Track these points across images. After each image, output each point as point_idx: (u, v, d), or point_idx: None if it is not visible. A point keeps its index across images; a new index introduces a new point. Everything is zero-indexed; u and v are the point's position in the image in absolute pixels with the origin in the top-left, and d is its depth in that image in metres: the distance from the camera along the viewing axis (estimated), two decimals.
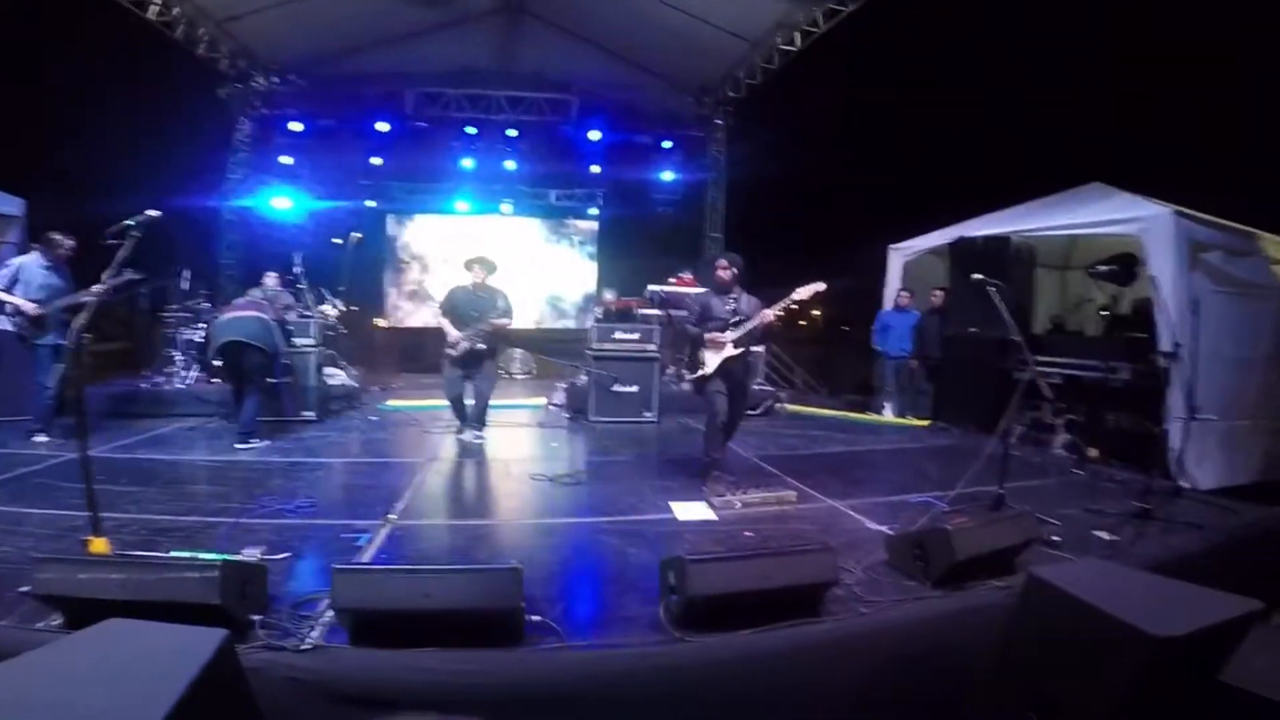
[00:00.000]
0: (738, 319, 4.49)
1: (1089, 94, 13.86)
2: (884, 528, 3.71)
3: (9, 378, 5.53)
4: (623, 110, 11.75)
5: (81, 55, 10.14)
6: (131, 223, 3.06)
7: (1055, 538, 3.58)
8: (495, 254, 5.84)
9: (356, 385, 7.42)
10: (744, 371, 4.73)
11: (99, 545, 2.87)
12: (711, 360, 4.50)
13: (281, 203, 10.48)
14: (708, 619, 2.49)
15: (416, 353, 10.84)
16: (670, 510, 3.99)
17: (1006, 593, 2.81)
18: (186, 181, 9.89)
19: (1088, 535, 3.74)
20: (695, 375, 4.59)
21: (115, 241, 3.18)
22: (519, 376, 10.35)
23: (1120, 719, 1.90)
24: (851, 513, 4.07)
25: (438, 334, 5.72)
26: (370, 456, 5.37)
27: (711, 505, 4.03)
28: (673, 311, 7.97)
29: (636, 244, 12.59)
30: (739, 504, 4.05)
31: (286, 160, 11.02)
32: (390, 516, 3.69)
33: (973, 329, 6.83)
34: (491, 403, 5.87)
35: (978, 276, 4.27)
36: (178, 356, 7.09)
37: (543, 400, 7.77)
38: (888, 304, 8.13)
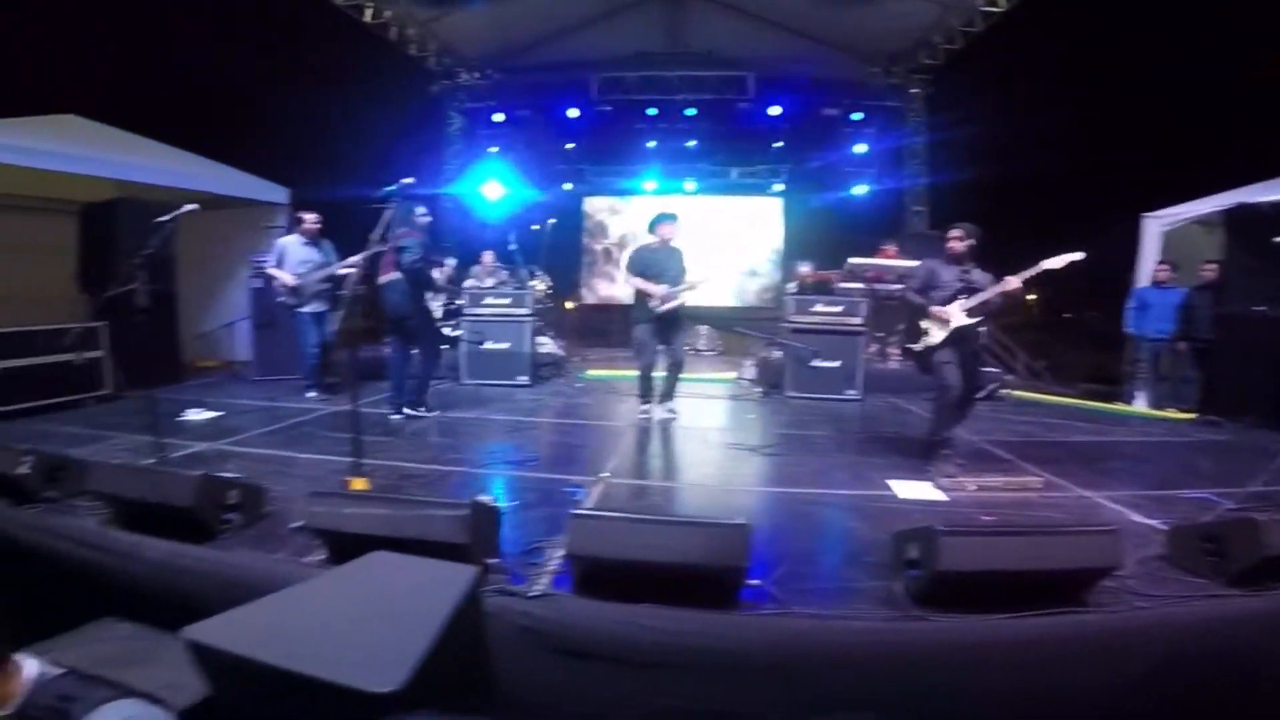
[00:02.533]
0: (970, 289, 4.06)
1: None
2: (1155, 521, 3.15)
3: (285, 343, 6.42)
4: (804, 84, 11.32)
5: (326, 64, 11.69)
6: (393, 188, 3.37)
7: None
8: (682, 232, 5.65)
9: (562, 354, 7.84)
10: (978, 345, 4.27)
11: (359, 484, 3.24)
12: (937, 331, 4.11)
13: (493, 190, 11.36)
14: (953, 598, 2.23)
15: (606, 329, 11.26)
16: (888, 488, 3.70)
17: None
18: (411, 171, 11.03)
19: None
20: (919, 347, 4.22)
21: (379, 207, 3.57)
22: (705, 353, 10.34)
23: None
24: (1110, 504, 3.51)
25: (625, 309, 5.71)
26: (579, 419, 5.61)
27: (938, 486, 3.68)
28: (876, 286, 7.47)
29: (824, 219, 12.06)
30: (972, 486, 3.65)
31: (493, 150, 11.91)
32: (604, 475, 3.79)
33: (1260, 307, 5.66)
34: (681, 376, 5.66)
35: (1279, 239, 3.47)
36: None
37: (733, 374, 7.65)
38: (1142, 280, 6.98)
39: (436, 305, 6.52)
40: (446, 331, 6.67)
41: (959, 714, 2.16)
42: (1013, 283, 3.92)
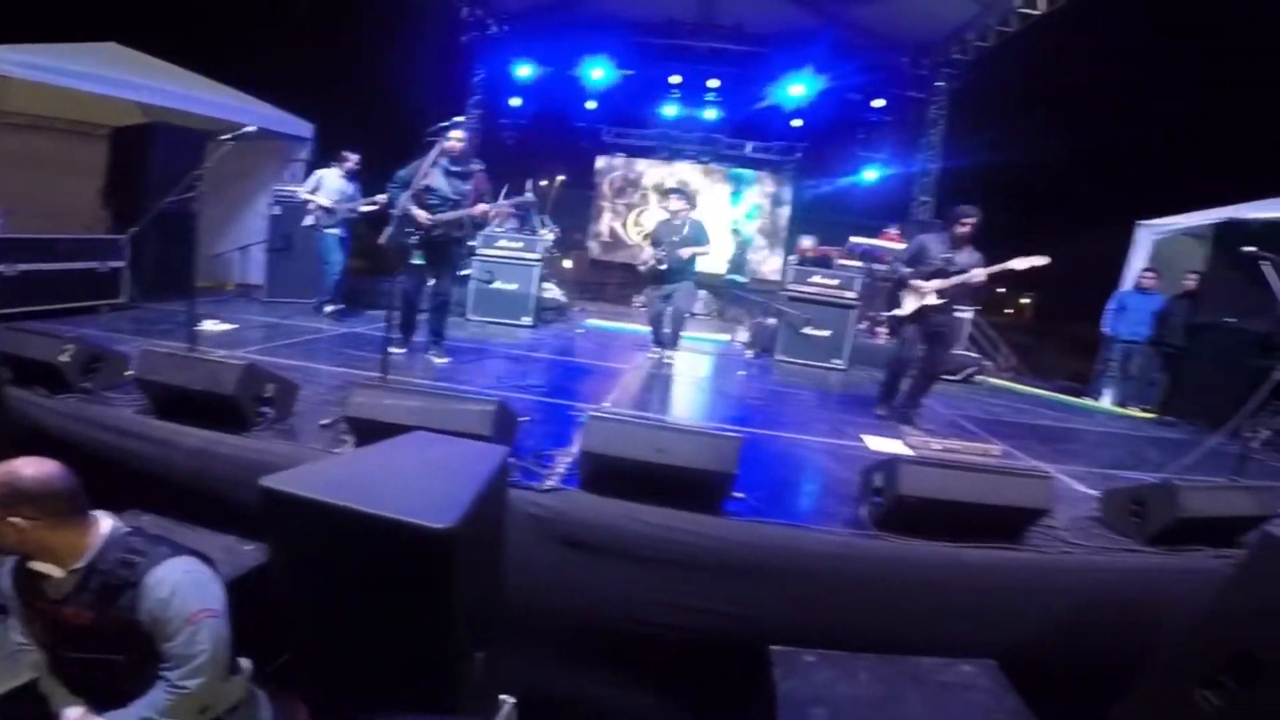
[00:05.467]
0: (952, 270, 4.35)
1: None
2: (1094, 491, 3.49)
3: (299, 268, 6.74)
4: (827, 67, 11.31)
5: (356, 4, 11.66)
6: (445, 124, 3.58)
7: None
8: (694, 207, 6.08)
9: (565, 301, 8.13)
10: (946, 326, 4.59)
11: None
12: (909, 304, 4.43)
13: (509, 137, 11.48)
14: (908, 524, 2.57)
15: (605, 283, 11.53)
16: (861, 441, 4.04)
17: (1227, 563, 2.59)
18: (435, 118, 11.12)
19: None
20: (890, 314, 4.56)
21: (454, 144, 3.81)
22: (700, 315, 10.62)
23: None
24: (1059, 475, 3.86)
25: (625, 269, 6.09)
26: (581, 358, 5.95)
27: (907, 443, 4.03)
28: (874, 265, 7.76)
29: (833, 199, 12.33)
30: (938, 447, 3.99)
31: (516, 102, 11.98)
32: (605, 404, 4.11)
33: (1230, 319, 5.99)
34: (681, 330, 6.13)
35: (1250, 249, 3.78)
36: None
37: (726, 336, 7.97)
38: (1127, 284, 7.31)
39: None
40: (462, 272, 6.93)
41: (903, 625, 2.49)
42: (978, 275, 4.22)
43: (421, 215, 4.42)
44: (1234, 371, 5.81)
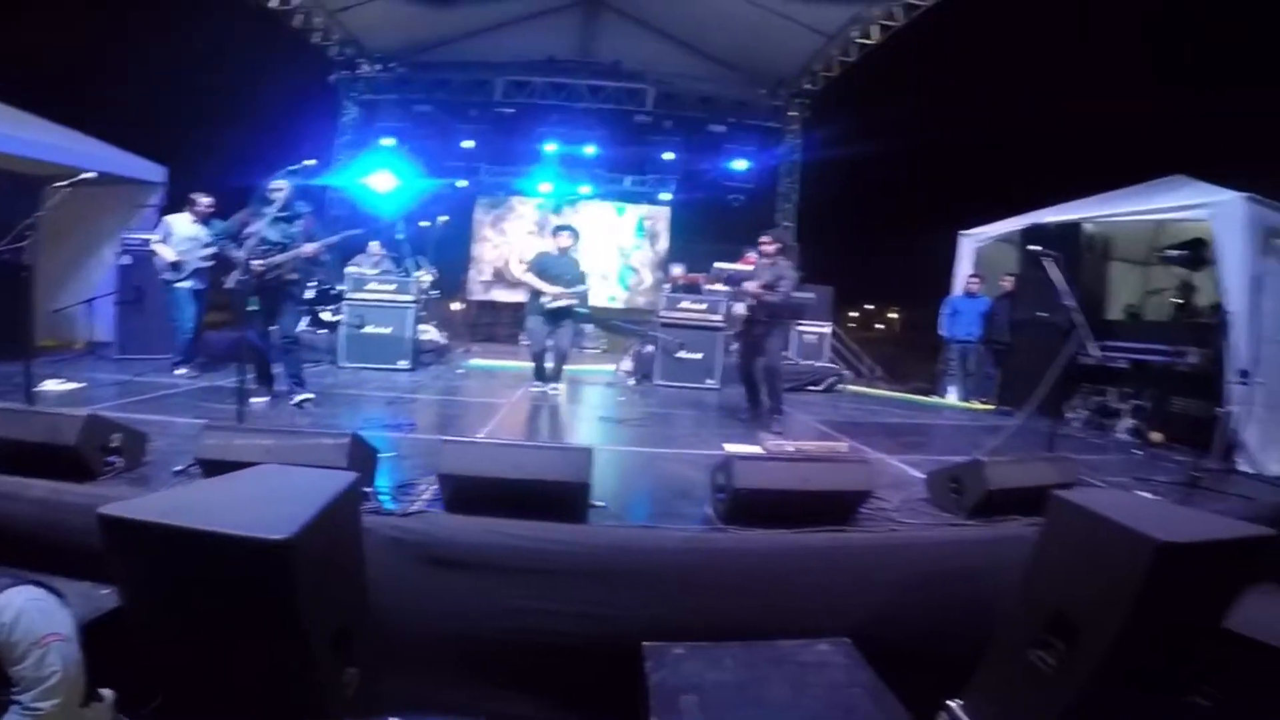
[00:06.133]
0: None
1: (1175, 82, 13.32)
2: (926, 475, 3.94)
3: (152, 322, 6.37)
4: (697, 101, 12.15)
5: (212, 40, 11.30)
6: (295, 168, 3.61)
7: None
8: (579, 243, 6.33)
9: (445, 343, 8.08)
10: (764, 337, 5.14)
11: None
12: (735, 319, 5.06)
13: (383, 181, 11.34)
14: (750, 515, 2.82)
15: (493, 325, 11.53)
16: (722, 448, 4.33)
17: (1037, 529, 2.99)
18: (298, 158, 10.83)
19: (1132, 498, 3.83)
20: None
21: (277, 192, 3.80)
22: (590, 350, 10.85)
23: (1129, 638, 1.95)
24: (898, 463, 4.32)
25: (514, 309, 6.23)
26: (458, 396, 5.98)
27: (764, 446, 4.35)
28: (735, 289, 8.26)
29: (707, 228, 12.95)
30: (791, 447, 4.34)
31: (388, 142, 11.90)
32: (478, 436, 4.19)
33: (1041, 314, 6.85)
34: (566, 363, 6.32)
35: (1034, 247, 4.42)
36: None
37: (613, 367, 8.21)
38: (957, 290, 8.18)
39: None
40: (326, 316, 6.82)
41: (760, 612, 2.69)
42: (747, 287, 4.97)
43: (253, 263, 4.46)
44: (1050, 361, 6.65)
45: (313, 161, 3.70)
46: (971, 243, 8.31)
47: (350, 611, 1.98)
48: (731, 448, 4.30)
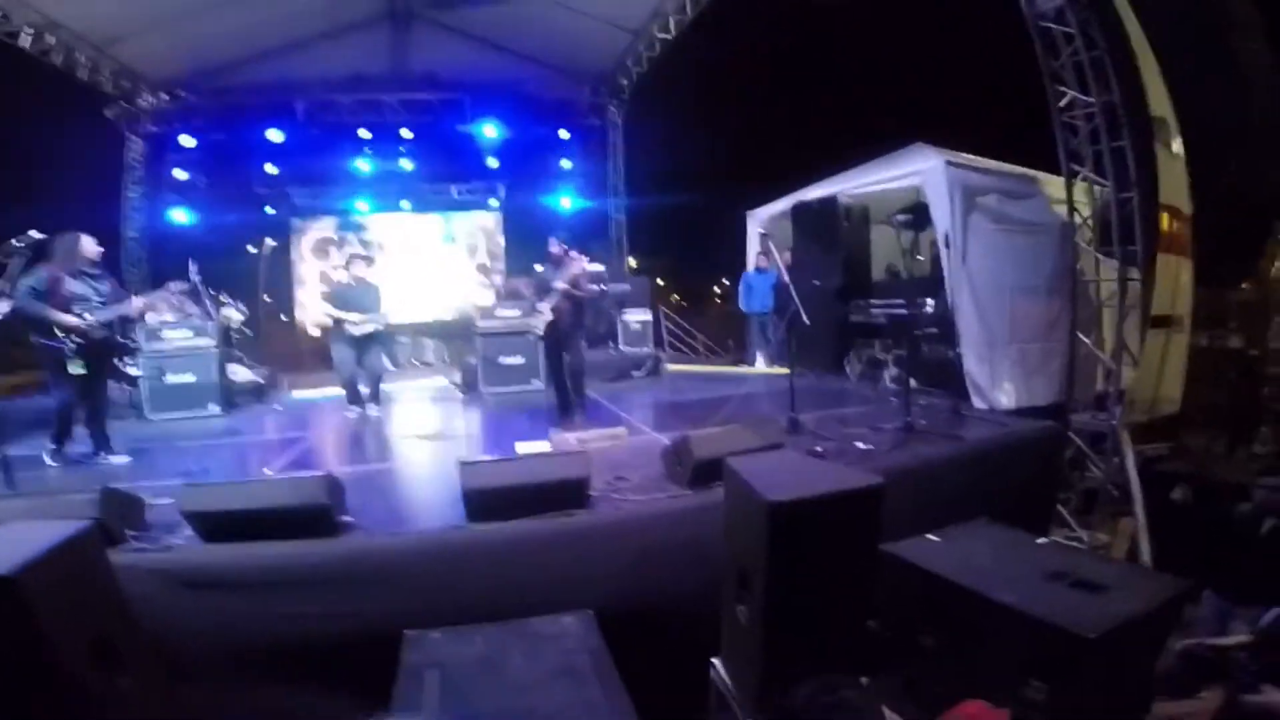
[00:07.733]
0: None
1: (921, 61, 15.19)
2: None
3: None
4: (519, 104, 12.20)
5: None
6: (16, 242, 3.58)
7: (818, 448, 4.18)
8: (398, 251, 6.43)
9: (263, 381, 7.90)
10: (569, 335, 5.51)
11: None
12: (541, 320, 5.38)
13: (179, 216, 10.81)
14: (489, 511, 3.17)
15: (325, 349, 11.26)
16: (514, 450, 4.72)
17: None
18: (81, 200, 10.07)
19: (849, 447, 4.28)
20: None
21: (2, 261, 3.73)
22: (432, 363, 10.92)
23: (774, 585, 2.17)
24: (668, 441, 4.85)
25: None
26: (271, 434, 6.03)
27: (551, 441, 4.78)
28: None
29: (541, 231, 13.09)
30: (574, 440, 4.79)
31: (181, 175, 11.27)
32: (266, 471, 4.33)
33: (816, 281, 7.72)
34: (393, 384, 6.49)
35: (761, 232, 5.10)
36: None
37: (443, 380, 8.41)
38: (750, 267, 8.93)
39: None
40: (131, 371, 6.56)
41: (515, 595, 2.99)
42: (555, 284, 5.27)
43: (83, 321, 4.39)
44: (828, 324, 7.55)
45: (38, 235, 3.63)
46: (755, 221, 9.03)
47: (106, 622, 2.15)
48: (522, 446, 4.70)
